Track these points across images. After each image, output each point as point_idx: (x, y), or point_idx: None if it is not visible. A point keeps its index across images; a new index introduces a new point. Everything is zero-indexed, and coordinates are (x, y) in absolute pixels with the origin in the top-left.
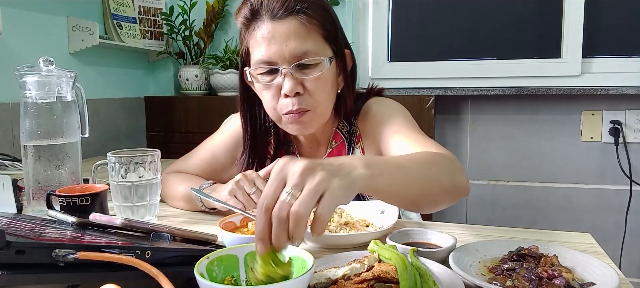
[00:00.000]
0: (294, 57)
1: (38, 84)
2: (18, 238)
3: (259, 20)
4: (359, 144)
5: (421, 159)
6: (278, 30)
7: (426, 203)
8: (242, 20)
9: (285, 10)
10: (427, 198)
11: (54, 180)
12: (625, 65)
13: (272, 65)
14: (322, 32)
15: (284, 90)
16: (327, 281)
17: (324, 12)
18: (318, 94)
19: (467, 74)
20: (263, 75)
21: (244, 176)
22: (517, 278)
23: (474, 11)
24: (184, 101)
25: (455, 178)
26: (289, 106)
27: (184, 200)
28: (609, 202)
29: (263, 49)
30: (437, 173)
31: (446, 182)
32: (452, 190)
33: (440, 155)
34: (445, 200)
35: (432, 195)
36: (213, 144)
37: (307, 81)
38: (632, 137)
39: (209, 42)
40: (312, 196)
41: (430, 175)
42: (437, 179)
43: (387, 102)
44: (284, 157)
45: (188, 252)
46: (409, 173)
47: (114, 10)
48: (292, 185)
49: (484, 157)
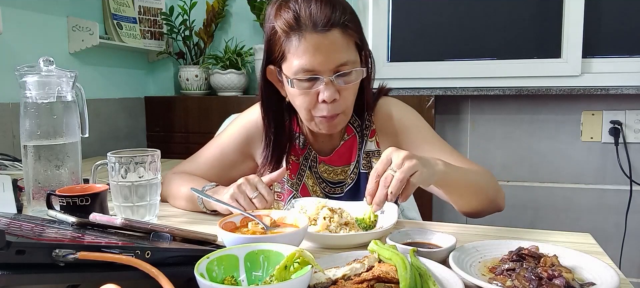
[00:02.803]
0: (336, 67)
1: (38, 84)
2: (18, 238)
3: (302, 29)
4: (374, 138)
5: (478, 172)
6: (322, 43)
7: (477, 205)
8: (282, 26)
9: (329, 23)
10: (478, 202)
11: (54, 180)
12: (625, 65)
13: (314, 74)
14: (357, 41)
15: (324, 97)
16: (327, 281)
17: (358, 23)
18: (350, 99)
19: (467, 74)
20: (303, 82)
21: (246, 180)
22: (517, 278)
23: (474, 11)
24: (184, 101)
25: (497, 193)
26: (324, 111)
27: (186, 200)
28: (609, 202)
29: (307, 59)
30: (487, 186)
31: (491, 194)
32: (494, 201)
33: (487, 174)
34: (488, 208)
35: (481, 201)
36: (221, 142)
37: (343, 89)
38: (632, 137)
39: (209, 42)
40: (409, 171)
41: (482, 185)
42: (485, 190)
43: (407, 108)
44: (391, 147)
45: (188, 252)
46: (469, 180)
47: (114, 10)
48: (396, 163)
49: (484, 157)
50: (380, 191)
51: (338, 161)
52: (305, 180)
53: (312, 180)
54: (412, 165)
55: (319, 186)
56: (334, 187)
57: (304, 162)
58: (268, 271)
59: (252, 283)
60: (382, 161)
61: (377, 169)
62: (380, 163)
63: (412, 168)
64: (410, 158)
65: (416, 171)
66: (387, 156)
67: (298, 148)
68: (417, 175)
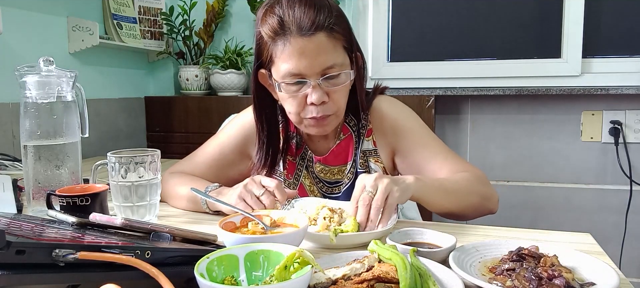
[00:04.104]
0: (322, 71)
1: (38, 84)
2: (18, 238)
3: (287, 33)
4: (371, 137)
5: (457, 183)
6: (308, 47)
7: (459, 214)
8: (267, 32)
9: (314, 26)
10: (459, 211)
11: (54, 180)
12: (625, 65)
13: (301, 78)
14: (345, 44)
15: (312, 100)
16: (327, 281)
17: (345, 25)
18: (340, 100)
19: (467, 74)
20: (290, 86)
21: (252, 180)
22: (517, 278)
23: (474, 11)
24: (184, 101)
25: (484, 199)
26: (313, 113)
27: (188, 200)
28: (609, 202)
29: (293, 63)
30: (469, 193)
31: (475, 200)
32: (479, 208)
33: (473, 180)
34: (475, 214)
35: (463, 210)
36: (220, 141)
37: (331, 91)
38: (632, 137)
39: (209, 42)
40: (383, 194)
41: (462, 196)
42: (466, 197)
43: (403, 107)
44: (362, 174)
45: (188, 252)
46: (447, 192)
47: (114, 10)
48: (370, 185)
49: (484, 157)
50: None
51: (334, 161)
52: (302, 180)
53: (309, 180)
54: (385, 187)
55: (316, 186)
56: (331, 187)
57: (300, 162)
58: (268, 271)
59: (252, 283)
60: (357, 189)
61: (355, 196)
62: (355, 191)
63: (385, 190)
64: (381, 178)
65: (390, 192)
66: (360, 184)
67: (294, 148)
68: (393, 195)
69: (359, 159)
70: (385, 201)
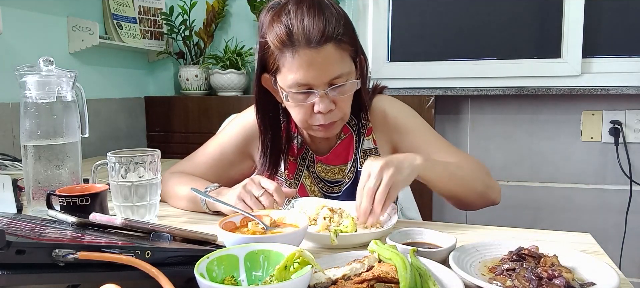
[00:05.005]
0: (330, 81)
1: (38, 84)
2: (18, 238)
3: (296, 45)
4: (371, 136)
5: (463, 169)
6: (316, 58)
7: (463, 199)
8: (275, 41)
9: (323, 38)
10: (464, 196)
11: (54, 180)
12: (625, 65)
13: (308, 88)
14: (351, 53)
15: (319, 109)
16: (327, 281)
17: (352, 32)
18: (346, 107)
19: (467, 74)
20: (297, 95)
21: (251, 181)
22: (517, 278)
23: (474, 11)
24: (184, 101)
25: (488, 188)
26: (321, 120)
27: (188, 200)
28: (609, 202)
29: (301, 74)
30: (473, 179)
31: (479, 187)
32: (483, 195)
33: (477, 169)
34: (477, 202)
35: (467, 195)
36: (221, 141)
37: (338, 99)
38: (632, 137)
39: (209, 42)
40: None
41: (467, 179)
42: (471, 183)
43: (402, 105)
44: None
45: (188, 252)
46: (453, 174)
47: (114, 10)
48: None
49: (484, 157)
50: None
51: (335, 160)
52: (303, 180)
53: (309, 180)
54: (390, 174)
55: (316, 186)
56: (332, 186)
57: (301, 162)
58: (268, 271)
59: (252, 283)
60: (363, 176)
61: (361, 184)
62: (361, 179)
63: (391, 177)
64: (387, 167)
65: (395, 178)
66: (366, 171)
67: (295, 148)
68: (397, 181)
69: (359, 158)
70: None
